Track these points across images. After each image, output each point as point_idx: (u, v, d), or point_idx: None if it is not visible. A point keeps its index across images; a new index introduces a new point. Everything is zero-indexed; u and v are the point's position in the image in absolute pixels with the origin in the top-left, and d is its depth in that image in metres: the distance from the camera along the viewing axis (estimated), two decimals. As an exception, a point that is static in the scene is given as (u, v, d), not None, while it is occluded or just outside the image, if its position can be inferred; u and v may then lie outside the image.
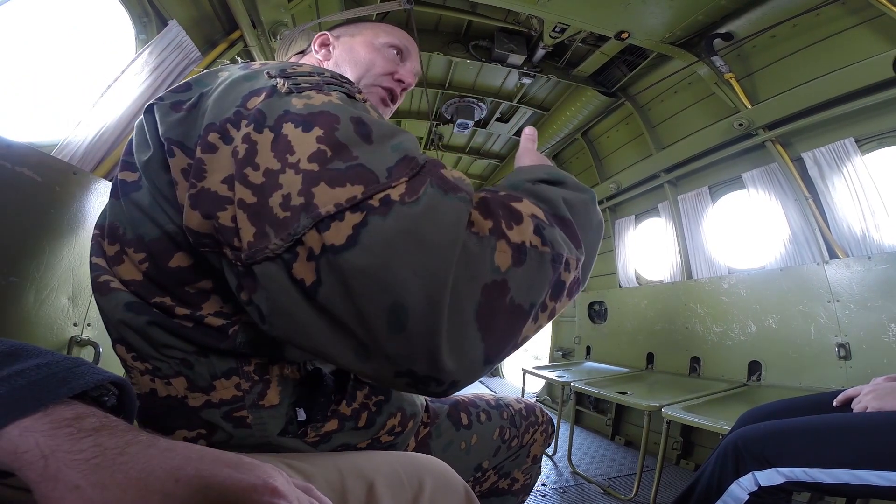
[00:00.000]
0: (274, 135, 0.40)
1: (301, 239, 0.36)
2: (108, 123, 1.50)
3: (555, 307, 0.42)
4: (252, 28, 1.84)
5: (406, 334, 0.34)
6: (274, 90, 0.43)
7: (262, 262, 0.37)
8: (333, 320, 0.36)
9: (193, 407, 0.50)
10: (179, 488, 0.28)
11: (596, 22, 2.16)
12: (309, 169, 0.37)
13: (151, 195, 0.47)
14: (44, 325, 1.26)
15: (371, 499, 0.47)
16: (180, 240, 0.46)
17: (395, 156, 0.39)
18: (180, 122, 0.45)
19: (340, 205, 0.36)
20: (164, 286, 0.48)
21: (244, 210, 0.38)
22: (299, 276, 0.36)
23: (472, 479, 0.82)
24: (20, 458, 0.27)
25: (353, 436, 0.58)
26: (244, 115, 0.42)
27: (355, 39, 0.82)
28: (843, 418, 0.85)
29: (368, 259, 0.34)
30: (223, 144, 0.41)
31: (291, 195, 0.37)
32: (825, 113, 1.94)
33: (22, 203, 1.17)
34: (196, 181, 0.41)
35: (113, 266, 0.50)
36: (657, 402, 1.85)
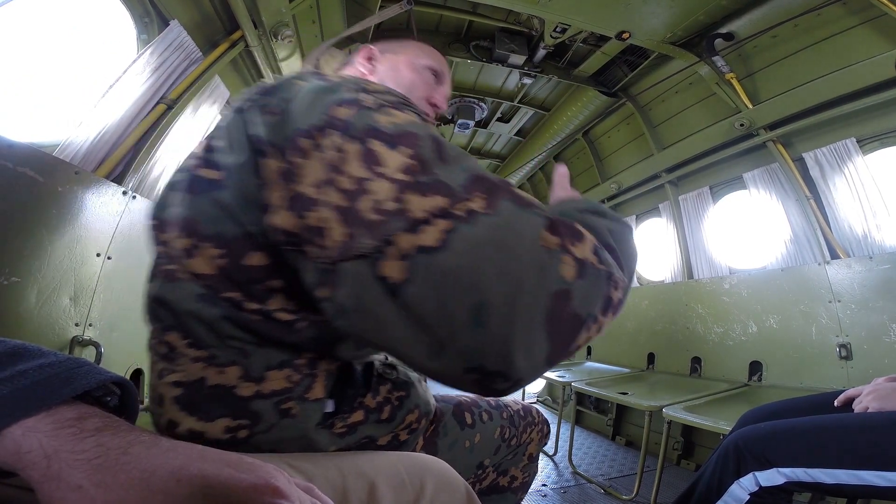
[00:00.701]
0: (363, 146, 0.43)
1: (391, 239, 0.39)
2: (110, 123, 1.50)
3: (603, 321, 0.45)
4: (253, 28, 1.84)
5: (485, 330, 0.37)
6: (359, 103, 0.47)
7: (351, 260, 0.40)
8: (414, 317, 0.38)
9: (242, 396, 0.51)
10: (181, 488, 0.28)
11: (597, 22, 2.16)
12: (400, 179, 0.41)
13: (238, 195, 0.50)
14: (45, 325, 1.26)
15: (372, 499, 0.47)
16: (260, 241, 0.49)
17: (465, 175, 0.43)
18: (273, 126, 0.48)
19: (430, 212, 0.39)
20: (236, 282, 0.50)
21: (335, 212, 0.41)
22: (386, 274, 0.38)
23: (474, 476, 0.84)
24: (23, 458, 0.27)
25: (376, 428, 0.61)
26: (332, 124, 0.45)
27: (399, 58, 0.86)
28: (844, 419, 0.85)
29: (458, 261, 0.38)
30: (314, 150, 0.44)
31: (383, 201, 0.40)
32: (826, 113, 1.94)
33: (24, 203, 1.18)
34: (289, 184, 0.45)
35: (184, 259, 0.52)
36: (658, 402, 1.85)
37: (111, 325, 1.51)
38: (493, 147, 4.43)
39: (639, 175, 3.08)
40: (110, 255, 1.49)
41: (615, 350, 3.27)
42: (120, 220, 1.53)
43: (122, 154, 1.55)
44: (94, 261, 1.44)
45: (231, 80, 2.08)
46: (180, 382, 0.53)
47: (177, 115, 1.71)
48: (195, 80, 1.75)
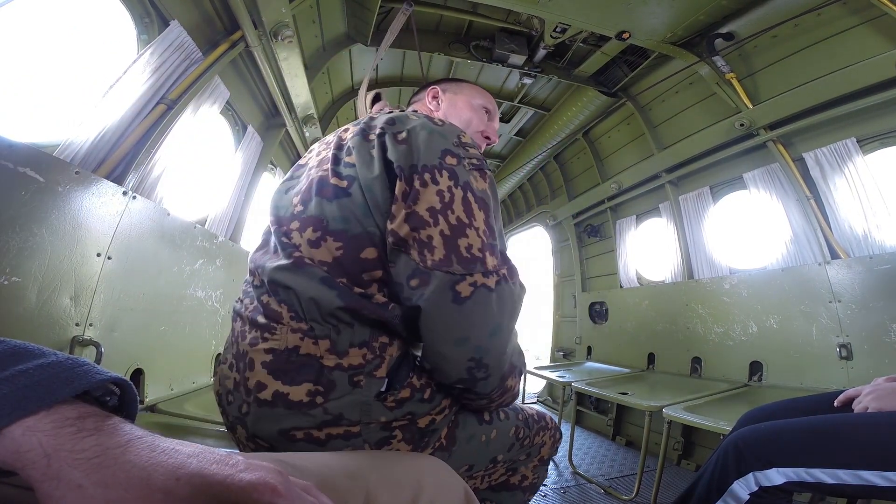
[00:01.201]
0: (463, 194, 0.67)
1: (472, 274, 0.63)
2: (110, 124, 1.50)
3: (517, 383, 0.81)
4: (253, 28, 1.84)
5: (493, 340, 0.65)
6: (462, 161, 0.69)
7: (442, 272, 0.62)
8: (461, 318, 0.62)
9: (326, 366, 0.64)
10: (181, 487, 0.28)
11: (597, 22, 2.16)
12: (484, 239, 0.66)
13: (364, 203, 0.67)
14: (46, 325, 1.26)
15: (370, 498, 0.48)
16: (377, 239, 0.66)
17: (500, 245, 0.69)
18: (404, 153, 0.67)
19: (493, 267, 0.65)
20: (347, 270, 0.66)
21: (441, 237, 0.63)
22: (459, 290, 0.62)
23: (485, 469, 0.89)
24: (23, 458, 0.27)
25: (418, 406, 0.70)
26: (445, 168, 0.67)
27: (458, 97, 1.04)
28: (844, 419, 0.85)
29: (498, 299, 0.64)
30: (431, 184, 0.65)
31: (474, 247, 0.64)
32: (827, 113, 1.94)
33: (24, 203, 1.18)
34: (412, 204, 0.64)
35: (311, 248, 0.67)
36: (658, 402, 1.85)
37: (111, 325, 1.51)
38: (493, 147, 4.43)
39: (639, 175, 3.07)
40: (110, 255, 1.50)
41: (615, 350, 3.27)
42: (120, 220, 1.53)
43: (122, 154, 1.55)
44: (95, 261, 1.44)
45: (231, 81, 2.08)
46: (273, 349, 0.65)
47: (177, 115, 1.71)
48: (195, 81, 1.75)
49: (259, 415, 0.65)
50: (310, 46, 2.43)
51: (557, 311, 4.41)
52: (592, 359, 3.47)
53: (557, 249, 4.46)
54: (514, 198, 5.21)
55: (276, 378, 0.64)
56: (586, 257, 3.94)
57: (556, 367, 3.32)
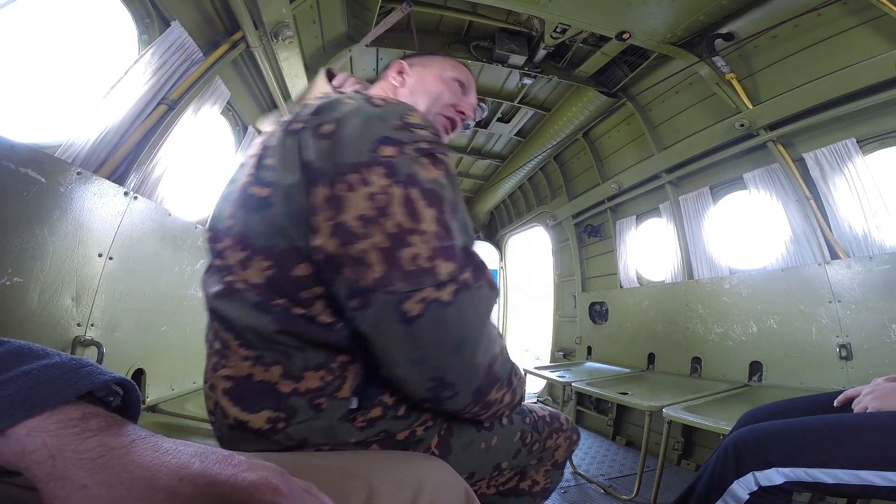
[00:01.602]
0: (404, 192, 0.54)
1: (421, 289, 0.53)
2: (111, 124, 1.51)
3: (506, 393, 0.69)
4: (254, 29, 1.84)
5: (457, 357, 0.57)
6: (403, 149, 0.56)
7: (383, 293, 0.52)
8: (413, 339, 0.54)
9: (282, 392, 0.59)
10: (184, 486, 0.28)
11: (597, 22, 2.16)
12: (434, 244, 0.54)
13: (287, 213, 0.56)
14: (48, 325, 1.27)
15: (371, 498, 0.48)
16: (305, 253, 0.56)
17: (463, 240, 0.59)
18: (324, 151, 0.56)
19: (448, 275, 0.54)
20: (283, 290, 0.57)
21: (377, 252, 0.52)
22: (407, 309, 0.52)
23: (489, 476, 0.85)
24: (28, 458, 0.28)
25: (393, 424, 0.65)
26: (379, 162, 0.54)
27: (427, 70, 0.92)
28: (844, 419, 0.85)
29: (455, 313, 0.55)
30: (360, 186, 0.53)
31: (420, 256, 0.53)
32: (826, 113, 1.94)
33: (26, 204, 1.18)
34: (336, 213, 0.53)
35: (240, 270, 0.59)
36: (658, 402, 1.85)
37: (113, 326, 1.51)
38: (493, 147, 4.43)
39: (639, 175, 3.07)
40: (112, 255, 1.50)
41: (615, 350, 3.27)
42: (122, 220, 1.54)
43: (123, 154, 1.55)
44: (96, 261, 1.44)
45: (232, 81, 2.08)
46: (230, 377, 0.61)
47: (178, 115, 1.72)
48: (196, 81, 1.75)
49: (231, 437, 0.63)
50: (310, 47, 2.43)
51: (557, 311, 4.41)
52: (592, 359, 3.47)
53: (557, 249, 4.46)
54: (514, 198, 5.21)
55: (234, 405, 0.60)
56: (586, 257, 3.94)
57: (556, 366, 3.32)
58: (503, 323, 5.73)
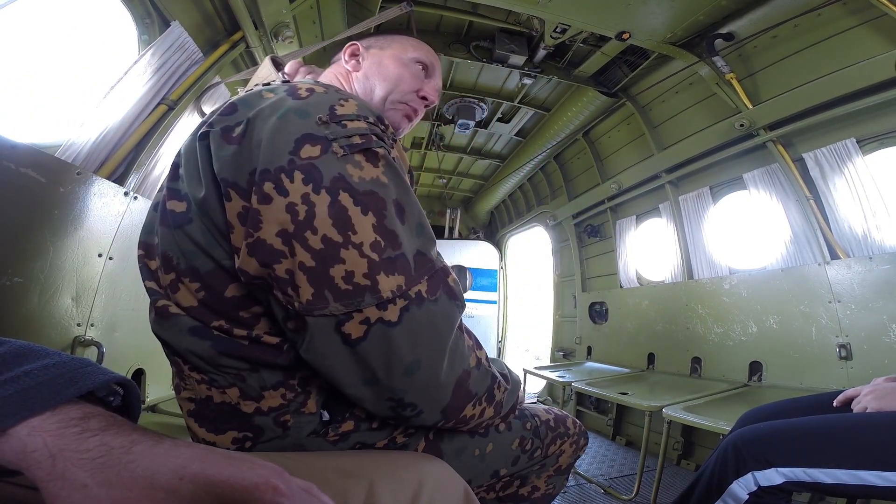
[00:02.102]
0: (331, 199, 0.46)
1: (361, 309, 0.47)
2: (112, 124, 1.51)
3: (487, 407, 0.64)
4: (254, 29, 1.84)
5: (413, 378, 0.50)
6: (329, 147, 0.48)
7: (317, 317, 0.47)
8: (361, 361, 0.49)
9: (245, 413, 0.55)
10: (184, 486, 0.28)
11: (597, 22, 2.16)
12: (371, 257, 0.47)
13: (205, 230, 0.51)
14: (48, 325, 1.27)
15: (371, 498, 0.48)
16: (233, 273, 0.50)
17: (417, 244, 0.52)
18: (233, 157, 0.48)
19: (394, 292, 0.48)
20: (220, 311, 0.52)
21: (304, 272, 0.46)
22: (347, 331, 0.47)
23: (487, 484, 0.81)
24: (28, 457, 0.28)
25: (368, 436, 0.62)
26: (298, 166, 0.46)
27: (384, 52, 0.82)
28: (843, 419, 0.85)
29: (406, 334, 0.49)
30: (277, 195, 0.46)
31: (355, 273, 0.46)
32: (826, 113, 1.94)
33: (26, 204, 1.18)
34: (252, 230, 0.46)
35: (171, 293, 0.54)
36: (658, 402, 1.85)
37: (112, 325, 1.51)
38: (493, 147, 4.43)
39: (639, 175, 3.07)
40: (112, 255, 1.50)
41: (615, 350, 3.27)
42: (121, 220, 1.54)
43: (123, 155, 1.56)
44: (96, 261, 1.44)
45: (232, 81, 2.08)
46: (192, 399, 0.58)
47: (178, 115, 1.72)
48: (196, 81, 1.75)
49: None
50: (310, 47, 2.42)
51: (557, 311, 4.41)
52: (592, 359, 3.47)
53: (557, 249, 4.46)
54: (514, 198, 5.21)
55: (200, 426, 0.57)
56: (586, 257, 3.94)
57: (556, 367, 3.32)
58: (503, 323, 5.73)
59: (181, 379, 0.59)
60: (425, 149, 4.41)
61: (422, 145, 4.40)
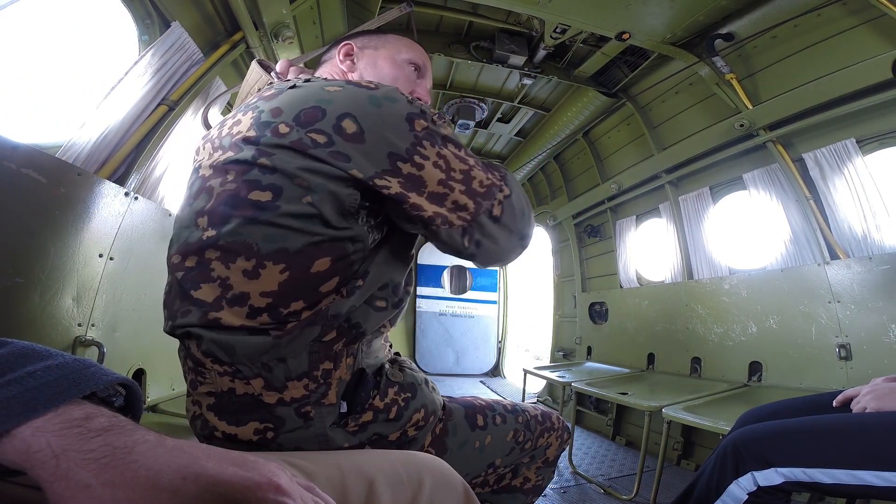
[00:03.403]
0: (447, 148, 0.65)
1: (497, 197, 0.68)
2: (112, 125, 1.51)
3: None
4: (254, 30, 1.85)
5: (525, 219, 0.75)
6: (428, 119, 0.65)
7: (482, 215, 0.66)
8: (505, 227, 0.70)
9: (268, 403, 0.59)
10: (187, 486, 0.29)
11: (597, 23, 2.16)
12: (480, 167, 0.68)
13: (315, 214, 0.59)
14: (49, 326, 1.27)
15: (371, 496, 0.48)
16: (327, 245, 0.60)
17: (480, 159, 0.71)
18: (365, 150, 0.60)
19: (497, 179, 0.70)
20: (302, 291, 0.59)
21: (463, 194, 0.65)
22: (495, 213, 0.68)
23: (484, 474, 0.86)
24: (32, 458, 0.28)
25: (384, 427, 0.66)
26: (421, 137, 0.63)
27: (379, 53, 0.86)
28: (843, 419, 0.85)
29: (514, 198, 0.72)
30: (425, 161, 0.62)
31: (482, 179, 0.67)
32: (826, 113, 1.94)
33: (27, 204, 1.18)
34: (423, 188, 0.62)
35: (249, 280, 0.58)
36: (658, 402, 1.86)
37: (113, 326, 1.52)
38: (493, 147, 4.43)
39: (639, 175, 3.08)
40: (112, 255, 1.50)
41: (615, 350, 3.28)
42: (122, 220, 1.54)
43: (124, 155, 1.56)
44: (97, 261, 1.45)
45: (232, 82, 2.08)
46: (212, 392, 0.61)
47: (178, 116, 1.72)
48: (196, 82, 1.75)
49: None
50: (310, 47, 2.43)
51: (557, 311, 4.42)
52: (592, 359, 3.47)
53: (557, 249, 4.46)
54: (514, 198, 5.21)
55: (220, 419, 0.60)
56: (586, 257, 3.94)
57: (555, 367, 3.32)
58: (503, 323, 5.73)
59: (199, 374, 0.61)
60: (425, 149, 4.41)
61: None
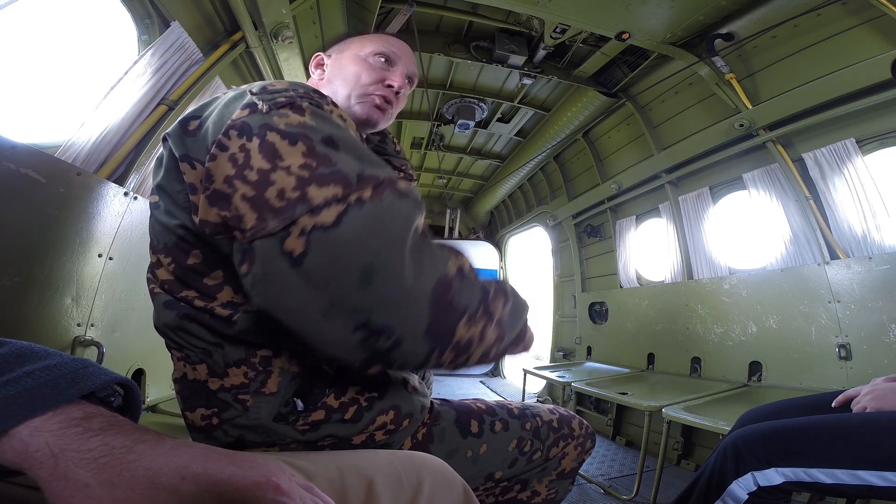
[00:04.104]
0: (260, 140, 0.50)
1: (296, 221, 0.46)
2: (112, 125, 1.51)
3: (486, 326, 0.55)
4: (254, 29, 1.84)
5: (372, 288, 0.46)
6: (256, 108, 0.53)
7: (261, 239, 0.47)
8: (311, 282, 0.46)
9: (212, 389, 0.58)
10: (185, 485, 0.28)
11: (597, 22, 2.16)
12: (300, 174, 0.48)
13: (167, 209, 0.58)
14: (48, 326, 1.27)
15: (370, 497, 0.48)
16: (190, 240, 0.56)
17: (358, 167, 0.51)
18: (193, 143, 0.55)
19: (328, 199, 0.47)
20: (187, 282, 0.58)
21: (245, 202, 0.48)
22: (290, 248, 0.46)
23: (483, 487, 0.79)
24: (30, 458, 0.28)
25: (339, 428, 0.61)
26: (232, 126, 0.52)
27: (343, 55, 0.85)
28: (843, 419, 0.85)
29: (350, 234, 0.46)
30: (220, 152, 0.51)
31: (286, 190, 0.47)
32: (826, 113, 1.94)
33: (26, 204, 1.18)
34: (208, 185, 0.51)
35: (155, 271, 0.61)
36: (658, 402, 1.86)
37: (112, 326, 1.51)
38: (493, 147, 4.43)
39: (639, 175, 3.08)
40: (112, 255, 1.50)
41: (615, 350, 3.28)
42: (121, 220, 1.54)
43: (123, 155, 1.55)
44: (96, 261, 1.44)
45: (232, 81, 2.08)
46: (176, 379, 0.63)
47: (178, 116, 1.71)
48: (196, 81, 1.75)
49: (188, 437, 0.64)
50: (310, 47, 2.43)
51: (557, 311, 4.42)
52: (592, 359, 3.47)
53: (557, 250, 4.46)
54: (514, 198, 5.21)
55: (182, 405, 0.62)
56: (586, 257, 3.94)
57: (555, 366, 3.32)
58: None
59: (173, 362, 0.64)
60: (425, 149, 4.42)
61: (422, 145, 4.40)
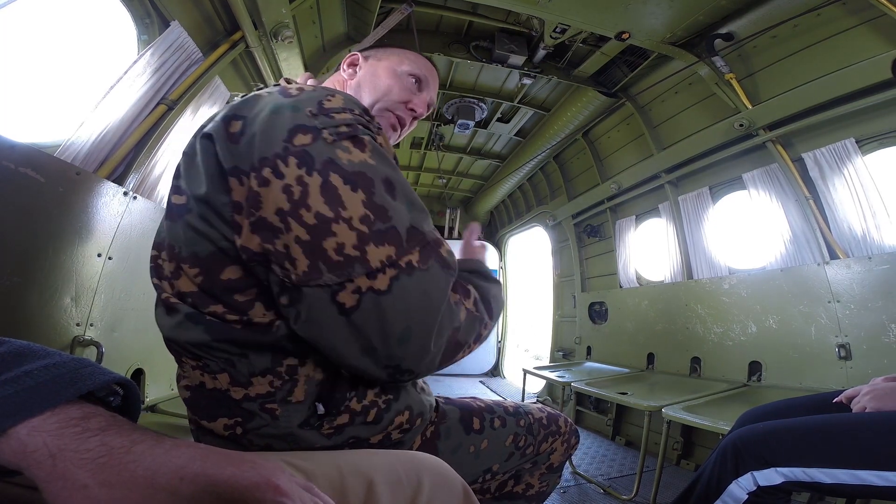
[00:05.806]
0: (322, 180, 0.50)
1: (352, 279, 0.49)
2: (111, 124, 1.51)
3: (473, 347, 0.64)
4: (254, 29, 1.84)
5: (408, 345, 0.52)
6: (319, 135, 0.52)
7: (313, 287, 0.49)
8: (356, 328, 0.50)
9: (235, 399, 0.57)
10: (185, 486, 0.28)
11: (596, 22, 2.16)
12: (361, 230, 0.50)
13: (204, 216, 0.54)
14: (47, 325, 1.26)
15: (370, 496, 0.48)
16: (232, 254, 0.54)
17: (409, 217, 0.54)
18: (237, 152, 0.52)
19: (383, 262, 0.50)
20: (216, 296, 0.55)
21: (299, 245, 0.49)
22: (341, 301, 0.49)
23: (481, 480, 0.83)
24: (28, 458, 0.28)
25: (363, 430, 0.63)
26: (292, 152, 0.50)
27: (380, 63, 0.86)
28: (842, 418, 0.85)
29: (396, 301, 0.50)
30: (275, 178, 0.50)
31: (346, 245, 0.49)
32: (826, 113, 1.94)
33: (25, 204, 1.18)
34: (254, 210, 0.50)
35: (173, 281, 0.58)
36: (657, 402, 1.86)
37: (112, 325, 1.51)
38: (493, 147, 4.43)
39: (638, 175, 3.08)
40: (111, 255, 1.50)
41: (615, 350, 3.28)
42: (121, 220, 1.54)
43: (122, 154, 1.55)
44: (95, 261, 1.44)
45: (231, 81, 2.08)
46: (188, 386, 0.61)
47: (177, 115, 1.72)
48: (196, 81, 1.75)
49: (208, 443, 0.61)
50: (310, 47, 2.43)
51: (557, 311, 4.42)
52: (592, 359, 3.47)
53: (557, 249, 4.46)
54: (513, 198, 5.22)
55: (194, 413, 0.61)
56: (586, 257, 3.94)
57: (555, 366, 3.32)
58: (503, 323, 5.73)
59: (181, 367, 0.62)
60: (425, 149, 4.42)
61: (422, 145, 4.40)
